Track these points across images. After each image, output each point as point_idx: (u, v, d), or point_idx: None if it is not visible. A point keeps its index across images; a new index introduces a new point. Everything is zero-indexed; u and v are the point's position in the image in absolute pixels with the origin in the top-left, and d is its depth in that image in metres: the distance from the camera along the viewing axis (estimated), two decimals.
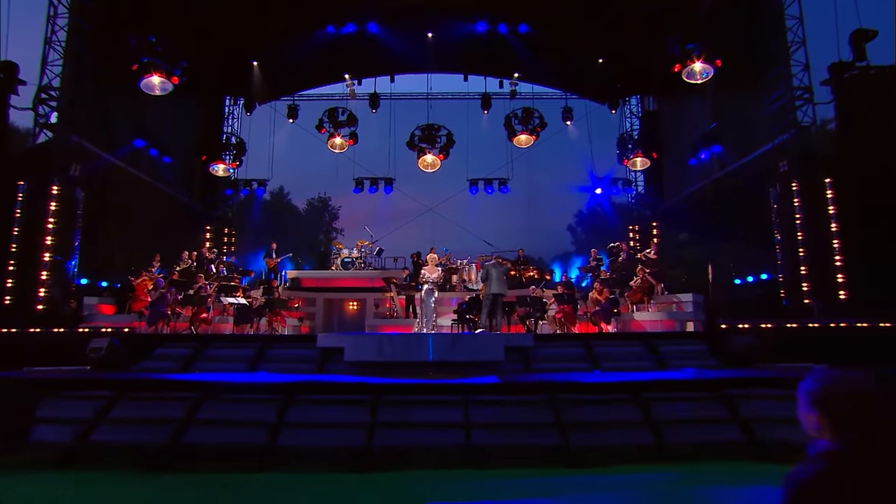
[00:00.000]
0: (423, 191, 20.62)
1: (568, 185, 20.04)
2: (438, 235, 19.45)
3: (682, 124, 15.20)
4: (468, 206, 20.29)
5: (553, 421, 5.61)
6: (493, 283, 9.05)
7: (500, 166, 18.83)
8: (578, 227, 29.33)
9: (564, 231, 29.29)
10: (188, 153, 15.69)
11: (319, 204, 29.85)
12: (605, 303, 10.80)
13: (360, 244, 16.13)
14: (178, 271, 12.18)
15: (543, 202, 23.31)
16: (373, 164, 18.89)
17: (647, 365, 7.33)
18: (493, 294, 9.03)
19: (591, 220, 22.18)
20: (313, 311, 14.01)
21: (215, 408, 5.71)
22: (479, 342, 7.33)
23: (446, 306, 12.92)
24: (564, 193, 21.29)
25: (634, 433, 5.46)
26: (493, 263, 9.39)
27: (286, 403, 5.88)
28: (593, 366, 7.33)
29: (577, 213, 28.37)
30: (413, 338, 7.42)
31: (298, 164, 22.83)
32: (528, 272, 14.59)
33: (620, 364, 7.35)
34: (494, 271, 9.16)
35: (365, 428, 5.43)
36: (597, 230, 19.45)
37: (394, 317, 13.03)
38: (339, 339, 7.49)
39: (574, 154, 18.79)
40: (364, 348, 7.27)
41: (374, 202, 19.85)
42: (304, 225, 27.80)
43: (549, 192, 22.60)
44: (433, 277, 9.03)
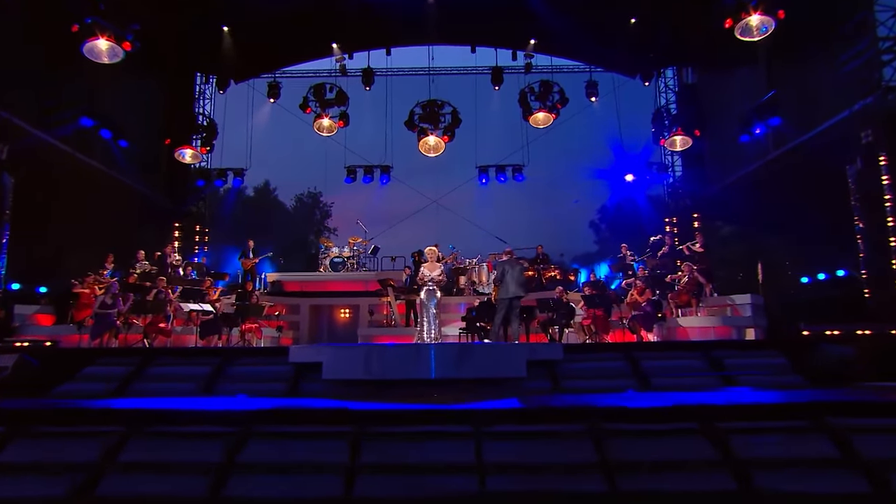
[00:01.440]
0: (426, 180, 20.67)
1: (593, 171, 19.59)
2: (443, 231, 19.45)
3: (728, 97, 14.43)
4: (477, 197, 20.13)
5: (595, 461, 4.59)
6: (509, 285, 8.67)
7: (515, 151, 18.54)
8: (602, 223, 28.88)
9: (586, 228, 29.02)
10: (150, 137, 15.09)
11: (309, 200, 29.93)
12: (647, 306, 10.09)
13: (353, 241, 16.07)
14: (135, 274, 11.53)
15: (564, 192, 23.02)
16: (367, 150, 18.62)
17: (709, 382, 6.45)
18: (508, 297, 8.65)
19: (619, 215, 21.41)
20: (297, 319, 13.89)
21: (145, 447, 4.70)
22: (494, 354, 6.61)
23: (453, 312, 12.77)
24: (589, 181, 20.95)
25: (708, 476, 4.39)
26: (508, 261, 8.94)
27: (241, 438, 4.87)
28: (641, 384, 6.48)
29: (600, 208, 27.90)
30: (410, 349, 6.67)
31: (281, 151, 22.84)
32: (549, 272, 14.22)
33: (676, 382, 6.47)
34: (510, 270, 8.76)
35: (342, 472, 4.46)
36: (625, 227, 18.91)
37: (391, 325, 12.68)
38: (317, 352, 6.72)
39: (600, 135, 18.50)
40: (347, 363, 6.49)
41: (368, 194, 19.71)
42: (293, 224, 27.64)
43: (570, 180, 22.32)
44: (434, 276, 8.41)
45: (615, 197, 19.56)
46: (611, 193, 20.58)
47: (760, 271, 12.04)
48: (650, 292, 10.39)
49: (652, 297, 10.28)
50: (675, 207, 17.08)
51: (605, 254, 19.24)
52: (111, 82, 12.61)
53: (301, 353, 6.85)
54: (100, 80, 12.36)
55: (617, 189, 18.40)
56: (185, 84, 17.11)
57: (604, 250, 22.75)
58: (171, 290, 11.28)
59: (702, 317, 10.28)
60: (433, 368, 6.38)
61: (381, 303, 12.91)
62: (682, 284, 10.62)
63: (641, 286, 10.43)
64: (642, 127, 16.89)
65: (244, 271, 13.83)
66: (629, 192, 17.68)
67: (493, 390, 6.25)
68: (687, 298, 10.59)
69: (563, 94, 15.88)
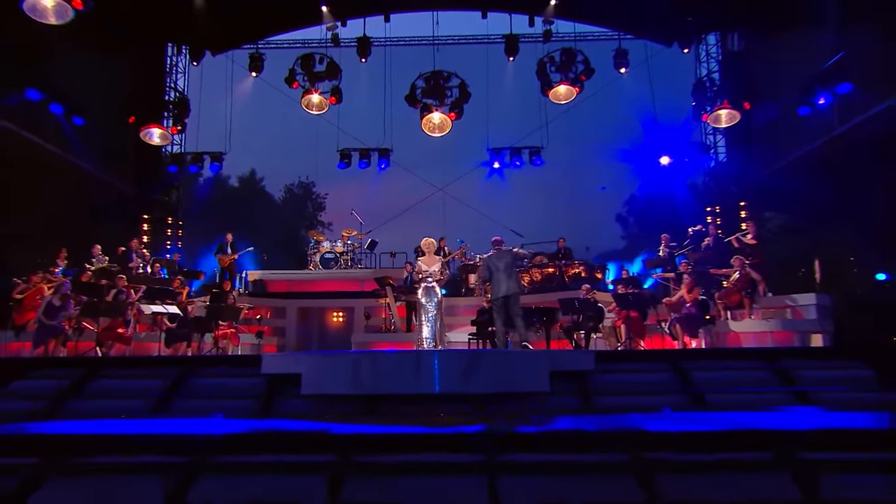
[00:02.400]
0: (430, 165, 20.56)
1: (621, 154, 19.12)
2: (451, 223, 19.52)
3: (783, 64, 13.90)
4: (489, 184, 19.76)
5: (640, 502, 4.08)
6: (500, 283, 8.37)
7: (532, 131, 18.12)
8: (630, 215, 28.48)
9: (611, 222, 28.73)
10: (112, 116, 14.69)
11: (300, 191, 29.87)
12: (692, 307, 9.53)
13: (347, 235, 15.80)
14: (90, 272, 11.09)
15: (588, 178, 23.01)
16: (363, 131, 18.25)
17: (777, 399, 5.90)
18: (500, 297, 8.33)
19: (650, 205, 21.16)
20: (282, 324, 13.65)
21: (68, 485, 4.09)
22: (510, 364, 6.18)
23: (462, 315, 12.72)
24: (616, 166, 20.62)
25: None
26: (493, 254, 8.60)
27: (190, 472, 4.30)
28: (692, 401, 5.94)
29: (628, 198, 27.62)
30: (407, 357, 6.26)
31: (265, 134, 23.26)
32: (573, 268, 13.72)
33: (735, 398, 5.94)
34: (498, 264, 8.46)
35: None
36: (657, 219, 18.23)
37: (391, 330, 12.30)
38: (294, 362, 6.26)
39: (630, 112, 18.08)
40: (331, 375, 6.05)
41: (364, 181, 19.80)
42: (282, 218, 27.55)
43: (595, 165, 22.26)
44: (432, 270, 8.14)
45: (646, 184, 19.32)
46: (640, 181, 20.42)
47: (818, 269, 11.44)
48: (698, 291, 9.80)
49: (699, 296, 9.75)
50: (717, 195, 16.58)
51: (633, 251, 19.00)
52: (65, 51, 12.17)
53: (276, 362, 6.42)
54: (51, 49, 11.93)
55: (649, 175, 18.02)
56: (154, 55, 16.80)
57: (632, 247, 22.50)
58: (135, 290, 10.90)
59: (756, 320, 9.79)
60: (437, 381, 5.99)
61: (379, 305, 12.67)
62: (733, 282, 10.08)
63: (690, 282, 9.82)
64: (680, 102, 16.61)
65: (221, 269, 13.57)
66: (664, 178, 17.18)
67: (509, 409, 5.87)
68: (738, 298, 10.01)
69: (588, 65, 15.24)
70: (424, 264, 8.24)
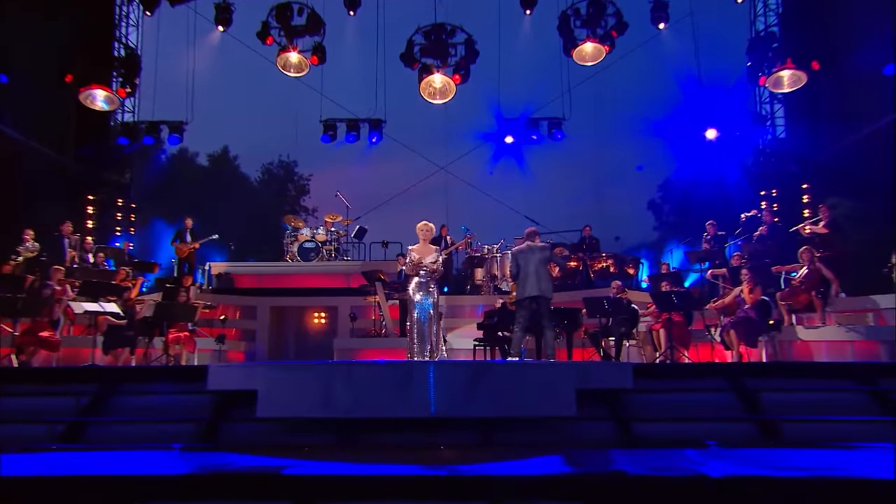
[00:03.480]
0: (430, 138, 20.15)
1: (658, 127, 18.64)
2: (454, 208, 18.91)
3: (863, 14, 13.33)
4: (500, 162, 19.58)
5: None
6: (527, 281, 8.40)
7: (552, 99, 17.53)
8: (665, 202, 27.98)
9: (642, 210, 28.34)
10: (47, 74, 14.16)
11: (280, 171, 29.84)
12: (751, 309, 9.17)
13: (330, 220, 15.76)
14: (15, 263, 10.86)
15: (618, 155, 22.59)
16: (350, 98, 17.77)
17: (877, 432, 5.38)
18: (526, 297, 8.36)
19: (691, 189, 20.46)
20: (252, 326, 13.52)
21: None
22: (525, 379, 5.93)
23: (467, 317, 12.82)
24: (652, 141, 20.02)
25: None
26: (524, 248, 8.62)
27: None
28: (764, 433, 5.55)
29: (664, 182, 26.93)
30: (394, 370, 6.05)
31: (235, 100, 23.15)
32: (600, 262, 13.73)
33: (821, 429, 5.52)
34: (529, 259, 8.48)
35: None
36: (699, 205, 17.99)
37: (381, 335, 12.23)
38: (249, 375, 5.91)
39: (669, 76, 17.65)
40: (296, 391, 5.76)
41: (352, 157, 19.65)
42: (259, 202, 27.46)
43: (626, 139, 21.77)
44: (427, 262, 7.95)
45: (687, 164, 18.79)
46: (679, 161, 19.99)
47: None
48: (760, 291, 9.38)
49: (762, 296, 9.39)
50: (774, 176, 16.14)
51: (668, 244, 18.51)
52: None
53: (225, 376, 6.02)
54: None
55: (691, 152, 17.70)
56: (100, 3, 16.31)
57: (666, 238, 21.88)
58: (72, 285, 10.45)
59: (831, 326, 9.46)
60: (432, 401, 5.77)
61: (368, 304, 12.60)
62: (800, 279, 9.70)
63: (751, 279, 9.43)
64: (731, 63, 16.43)
65: (179, 260, 13.52)
66: (709, 155, 16.85)
67: (524, 439, 5.75)
68: (807, 299, 9.63)
69: (621, 19, 14.74)
70: (416, 253, 8.01)
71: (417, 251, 8.04)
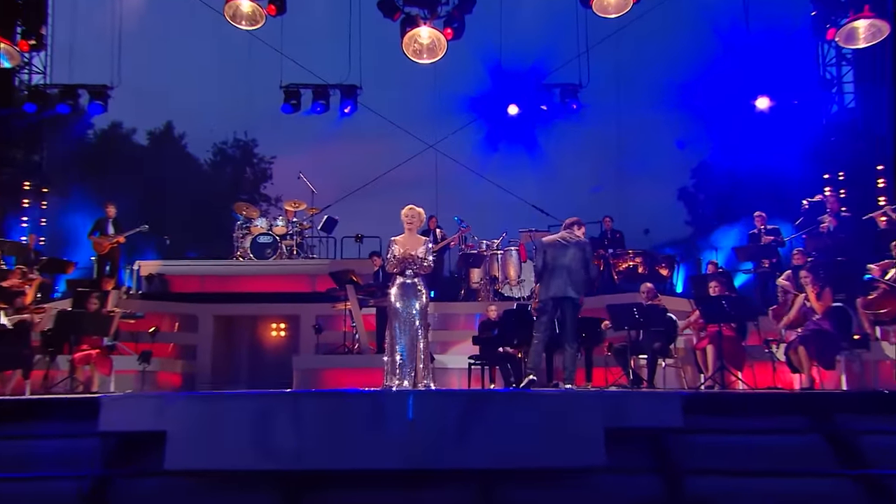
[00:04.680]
0: (416, 110, 20.30)
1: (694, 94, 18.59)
2: (446, 194, 18.92)
3: None
4: (502, 139, 20.08)
5: None
6: (555, 277, 8.41)
7: (567, 61, 17.37)
8: (700, 190, 28.10)
9: (672, 201, 28.56)
10: None
11: (236, 152, 29.72)
12: (823, 319, 8.85)
13: (292, 209, 15.67)
14: None
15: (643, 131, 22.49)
16: (318, 59, 17.80)
17: None
18: (550, 298, 8.42)
19: (732, 174, 20.63)
20: (192, 341, 13.45)
21: None
22: (535, 414, 5.64)
23: (461, 329, 12.88)
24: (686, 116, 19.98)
25: None
26: (555, 239, 8.63)
27: None
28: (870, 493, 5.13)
29: (698, 166, 27.12)
30: (363, 402, 5.75)
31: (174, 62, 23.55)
32: (625, 261, 13.71)
33: None
34: (560, 254, 8.47)
35: None
36: (747, 191, 18.17)
37: (353, 351, 12.22)
38: (156, 409, 5.52)
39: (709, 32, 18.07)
40: (222, 433, 5.39)
41: (320, 132, 19.62)
42: (210, 189, 27.32)
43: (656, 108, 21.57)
44: (417, 254, 7.73)
45: (729, 143, 18.89)
46: (718, 140, 20.02)
47: None
48: (830, 294, 9.07)
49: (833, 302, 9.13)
50: (842, 155, 16.06)
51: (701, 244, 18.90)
52: None
53: (123, 410, 5.62)
54: None
55: (734, 127, 17.83)
56: None
57: (700, 234, 22.36)
58: None
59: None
60: (408, 446, 5.42)
61: (337, 312, 12.59)
62: (890, 282, 9.34)
63: (814, 282, 9.12)
64: (788, 13, 16.50)
65: (99, 257, 13.31)
66: (758, 131, 16.91)
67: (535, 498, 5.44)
68: (892, 308, 9.29)
69: None
70: (401, 245, 7.74)
71: (402, 243, 7.74)
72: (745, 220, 14.25)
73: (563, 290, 8.31)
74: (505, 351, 10.34)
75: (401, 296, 7.69)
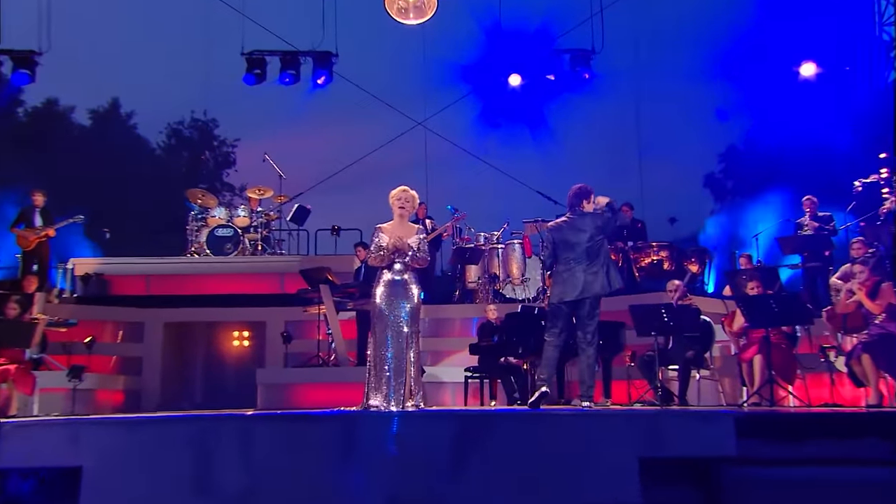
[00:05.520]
0: (402, 81, 20.64)
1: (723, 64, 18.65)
2: (437, 181, 18.83)
3: None
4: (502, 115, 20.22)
5: None
6: (572, 272, 8.17)
7: (579, 23, 17.34)
8: (728, 176, 28.47)
9: (698, 188, 28.83)
10: None
11: (193, 133, 30.02)
12: (890, 320, 8.54)
13: (256, 197, 15.50)
14: None
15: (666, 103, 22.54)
16: (286, 23, 17.72)
17: None
18: (563, 301, 8.17)
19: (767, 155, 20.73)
20: (138, 353, 13.26)
21: None
22: (548, 438, 5.67)
23: (457, 336, 12.94)
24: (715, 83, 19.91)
25: None
26: (559, 224, 8.45)
27: None
28: None
29: (726, 150, 27.54)
30: (332, 427, 5.76)
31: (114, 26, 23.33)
32: (648, 255, 13.79)
33: None
34: (570, 237, 8.24)
35: None
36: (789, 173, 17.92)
37: (328, 363, 11.98)
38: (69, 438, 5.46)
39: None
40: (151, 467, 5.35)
41: (289, 109, 19.69)
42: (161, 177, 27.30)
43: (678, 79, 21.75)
44: (411, 245, 7.56)
45: (767, 118, 19.03)
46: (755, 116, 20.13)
47: None
48: (892, 291, 8.81)
49: None
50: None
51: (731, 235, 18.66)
52: None
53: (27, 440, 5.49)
54: None
55: (773, 99, 17.94)
56: None
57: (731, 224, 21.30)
58: None
59: None
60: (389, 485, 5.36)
61: (310, 318, 12.39)
62: None
63: (868, 277, 8.97)
64: None
65: (25, 254, 13.16)
66: (802, 102, 16.81)
67: None
68: None
69: None
70: (390, 234, 7.51)
71: (391, 231, 7.51)
72: (787, 205, 14.21)
73: (582, 287, 8.00)
74: (508, 361, 10.27)
75: (387, 296, 7.48)
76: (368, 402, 7.43)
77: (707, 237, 19.70)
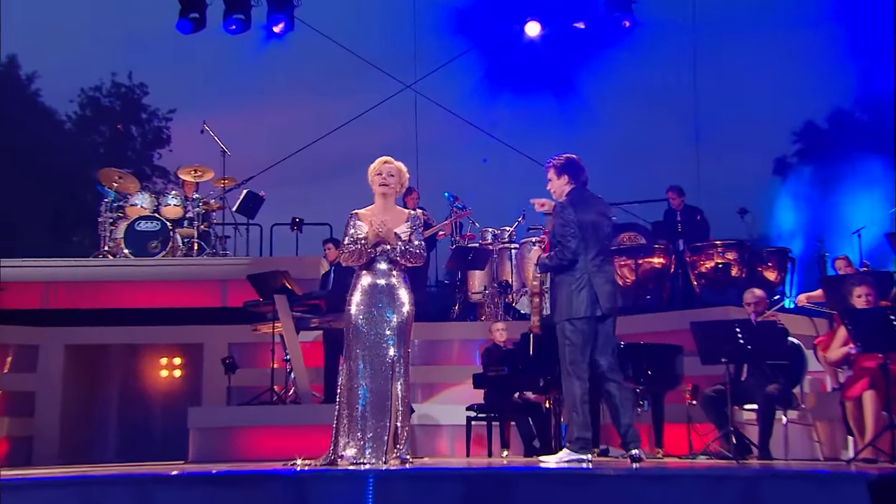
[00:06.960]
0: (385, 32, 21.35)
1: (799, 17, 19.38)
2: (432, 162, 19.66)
3: None
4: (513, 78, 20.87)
5: None
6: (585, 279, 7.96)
7: None
8: (806, 161, 29.33)
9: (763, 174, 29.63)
10: None
11: (116, 103, 30.64)
12: None
13: (192, 181, 15.76)
14: None
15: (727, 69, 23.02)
16: None
17: None
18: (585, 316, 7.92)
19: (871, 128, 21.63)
20: (29, 386, 13.35)
21: None
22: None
23: (455, 364, 13.20)
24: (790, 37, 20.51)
25: None
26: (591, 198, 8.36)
27: None
28: None
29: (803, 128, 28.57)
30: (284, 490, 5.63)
31: None
32: (709, 259, 13.90)
33: None
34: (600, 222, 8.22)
35: None
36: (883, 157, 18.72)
37: (286, 400, 12.12)
38: None
39: None
40: None
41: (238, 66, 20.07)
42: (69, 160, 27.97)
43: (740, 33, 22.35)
44: (400, 232, 7.39)
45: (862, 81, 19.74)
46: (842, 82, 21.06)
47: None
48: None
49: None
50: None
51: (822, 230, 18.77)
52: None
53: None
54: None
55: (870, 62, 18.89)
56: None
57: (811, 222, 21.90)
58: None
59: None
60: None
61: (261, 339, 12.45)
62: None
63: None
64: None
65: None
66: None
67: None
68: None
69: None
70: (366, 221, 7.27)
71: (370, 218, 7.20)
72: None
73: (612, 295, 7.93)
74: (524, 397, 10.35)
75: (367, 306, 7.18)
76: (337, 453, 7.08)
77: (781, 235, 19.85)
